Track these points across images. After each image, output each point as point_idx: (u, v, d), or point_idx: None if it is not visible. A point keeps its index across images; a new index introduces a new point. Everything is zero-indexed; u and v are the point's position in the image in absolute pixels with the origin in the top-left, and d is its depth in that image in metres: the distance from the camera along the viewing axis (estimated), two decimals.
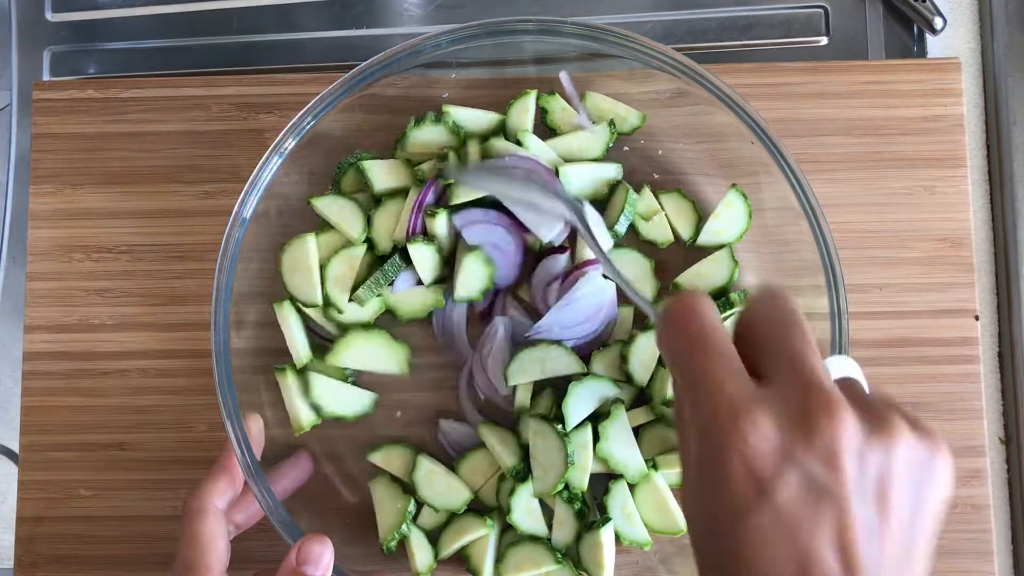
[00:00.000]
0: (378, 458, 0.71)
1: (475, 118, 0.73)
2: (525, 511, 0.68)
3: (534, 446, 0.68)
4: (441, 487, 0.69)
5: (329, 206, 0.72)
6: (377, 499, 0.71)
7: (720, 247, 0.72)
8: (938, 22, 0.80)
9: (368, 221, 0.72)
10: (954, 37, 0.81)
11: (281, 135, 0.68)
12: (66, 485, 0.74)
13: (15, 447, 0.76)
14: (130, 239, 0.76)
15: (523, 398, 0.70)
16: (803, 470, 0.39)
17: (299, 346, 0.70)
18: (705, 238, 0.72)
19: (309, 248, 0.70)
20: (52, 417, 0.74)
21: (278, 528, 0.64)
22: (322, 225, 0.72)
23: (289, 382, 0.70)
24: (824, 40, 0.82)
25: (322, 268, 0.71)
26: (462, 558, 0.69)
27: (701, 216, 0.73)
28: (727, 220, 0.72)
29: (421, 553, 0.69)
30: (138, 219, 0.76)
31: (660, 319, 0.46)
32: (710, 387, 0.41)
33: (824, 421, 0.39)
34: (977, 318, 0.74)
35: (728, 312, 0.69)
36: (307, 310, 0.71)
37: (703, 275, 0.71)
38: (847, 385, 0.43)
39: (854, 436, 0.39)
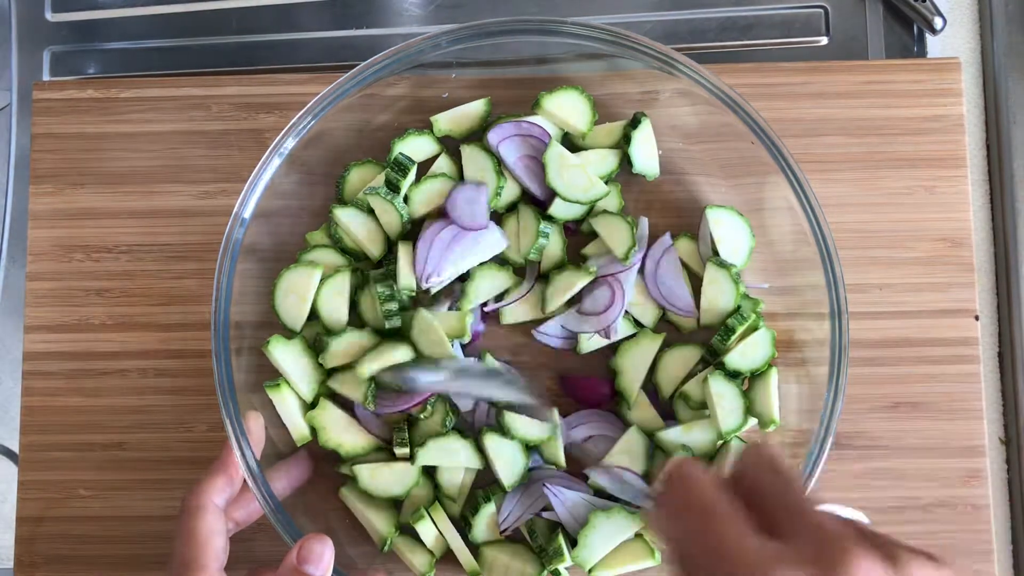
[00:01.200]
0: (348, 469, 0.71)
1: (462, 115, 0.73)
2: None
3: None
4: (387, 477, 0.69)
5: (351, 219, 0.71)
6: (349, 503, 0.71)
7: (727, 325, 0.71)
8: (938, 22, 0.80)
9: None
10: (954, 37, 0.81)
11: (281, 135, 0.67)
12: (66, 485, 0.74)
13: (15, 447, 0.76)
14: (130, 239, 0.76)
15: None
16: None
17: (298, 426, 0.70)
18: (708, 319, 0.72)
19: (311, 280, 0.70)
20: (52, 417, 0.74)
21: (278, 528, 0.64)
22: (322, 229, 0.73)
23: (284, 397, 0.69)
24: (824, 40, 0.82)
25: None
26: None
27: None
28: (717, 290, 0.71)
29: (417, 556, 0.69)
30: (138, 219, 0.76)
31: (658, 498, 0.47)
32: (728, 553, 0.42)
33: (845, 566, 0.40)
34: (977, 318, 0.74)
35: (730, 340, 0.69)
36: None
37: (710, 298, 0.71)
38: (852, 525, 0.44)
39: (874, 574, 0.40)
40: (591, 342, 0.71)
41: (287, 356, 0.70)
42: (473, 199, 0.70)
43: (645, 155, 0.72)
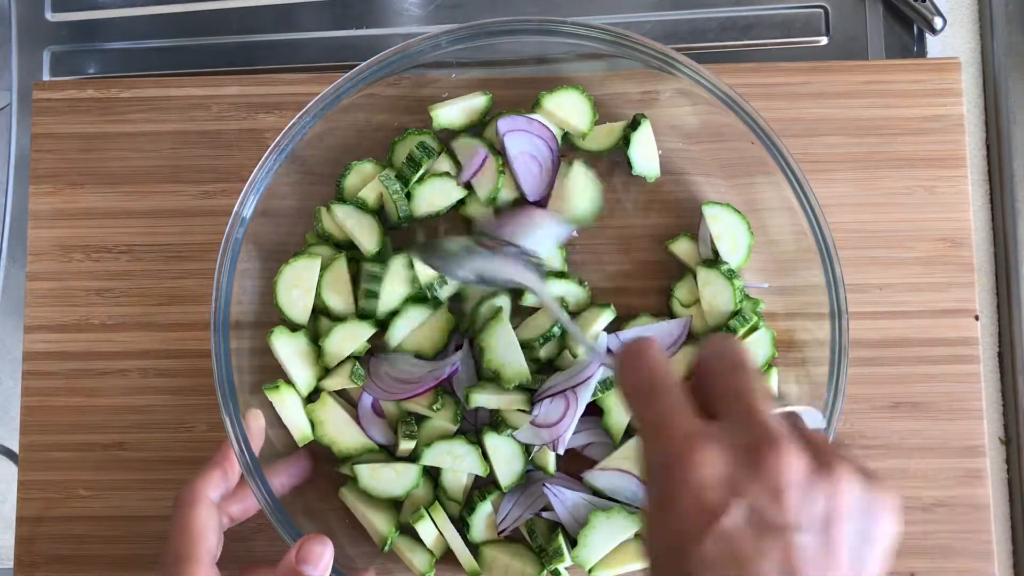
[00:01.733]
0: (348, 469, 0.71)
1: (461, 110, 0.73)
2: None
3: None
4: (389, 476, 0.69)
5: (347, 215, 0.71)
6: (349, 503, 0.71)
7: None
8: (938, 22, 0.80)
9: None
10: (954, 37, 0.81)
11: (281, 135, 0.68)
12: (66, 485, 0.74)
13: (15, 447, 0.76)
14: (130, 239, 0.76)
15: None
16: (748, 502, 0.40)
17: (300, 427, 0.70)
18: (709, 320, 0.71)
19: (313, 271, 0.70)
20: (52, 417, 0.74)
21: (277, 527, 0.64)
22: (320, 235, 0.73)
23: (284, 399, 0.69)
24: (824, 40, 0.82)
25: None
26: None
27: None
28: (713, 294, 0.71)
29: (417, 556, 0.69)
30: (138, 219, 0.76)
31: (615, 367, 0.48)
32: (663, 424, 0.44)
33: (769, 455, 0.41)
34: (977, 318, 0.74)
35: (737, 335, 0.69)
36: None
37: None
38: (794, 424, 0.45)
39: (798, 471, 0.41)
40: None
41: (289, 349, 0.70)
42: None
43: (645, 157, 0.72)
